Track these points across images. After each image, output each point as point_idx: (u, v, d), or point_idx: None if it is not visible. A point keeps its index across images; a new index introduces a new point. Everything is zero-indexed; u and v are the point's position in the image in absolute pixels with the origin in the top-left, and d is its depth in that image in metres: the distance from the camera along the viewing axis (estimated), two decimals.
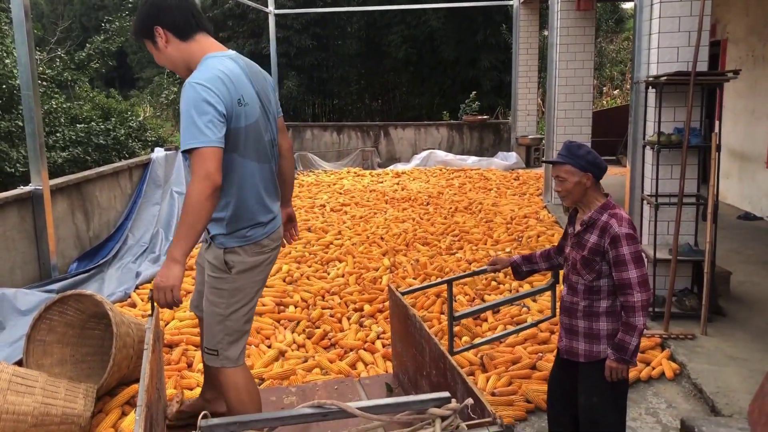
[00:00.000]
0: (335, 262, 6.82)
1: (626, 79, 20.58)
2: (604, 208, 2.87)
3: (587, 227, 2.89)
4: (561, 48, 9.41)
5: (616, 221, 2.81)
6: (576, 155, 2.85)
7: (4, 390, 3.33)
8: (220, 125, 2.53)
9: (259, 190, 2.80)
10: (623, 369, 2.85)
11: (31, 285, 5.67)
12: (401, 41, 19.56)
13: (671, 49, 5.17)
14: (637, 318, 2.77)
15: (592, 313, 2.92)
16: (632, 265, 2.77)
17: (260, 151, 2.77)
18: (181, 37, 2.72)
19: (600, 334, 2.91)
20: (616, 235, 2.78)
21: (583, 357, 2.96)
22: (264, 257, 2.87)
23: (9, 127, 8.68)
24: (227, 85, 2.60)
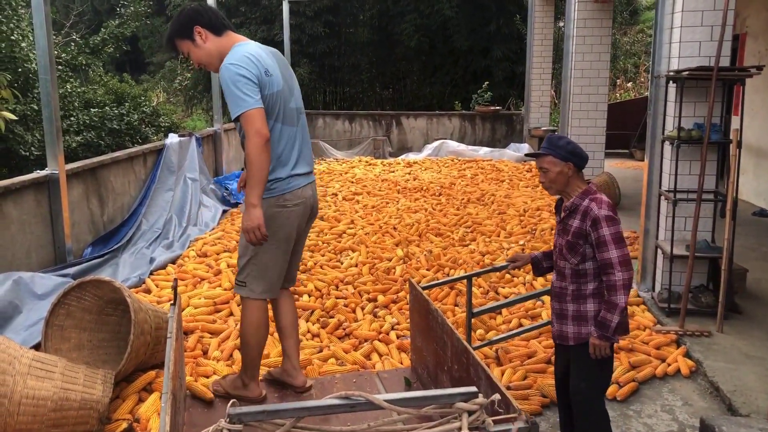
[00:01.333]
0: (348, 251, 6.82)
1: (640, 72, 20.44)
2: (585, 194, 3.01)
3: (570, 213, 3.03)
4: (577, 40, 9.35)
5: (596, 204, 2.94)
6: (557, 146, 3.00)
7: (24, 374, 3.35)
8: (255, 89, 3.13)
9: (282, 148, 3.32)
10: (605, 346, 2.96)
11: (45, 269, 5.69)
12: (413, 30, 19.44)
13: (693, 43, 5.12)
14: (619, 296, 2.89)
15: (580, 296, 3.05)
16: (613, 246, 2.89)
17: (286, 115, 3.33)
18: (216, 33, 3.34)
19: (588, 315, 3.03)
20: (596, 217, 2.91)
21: (573, 340, 3.07)
22: (283, 210, 3.35)
23: (24, 111, 8.68)
24: (254, 62, 3.20)
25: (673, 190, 5.24)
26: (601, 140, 9.65)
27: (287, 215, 3.38)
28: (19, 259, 5.50)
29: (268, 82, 3.23)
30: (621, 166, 12.34)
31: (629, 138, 13.79)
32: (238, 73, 3.12)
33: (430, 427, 1.96)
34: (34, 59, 8.86)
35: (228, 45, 3.32)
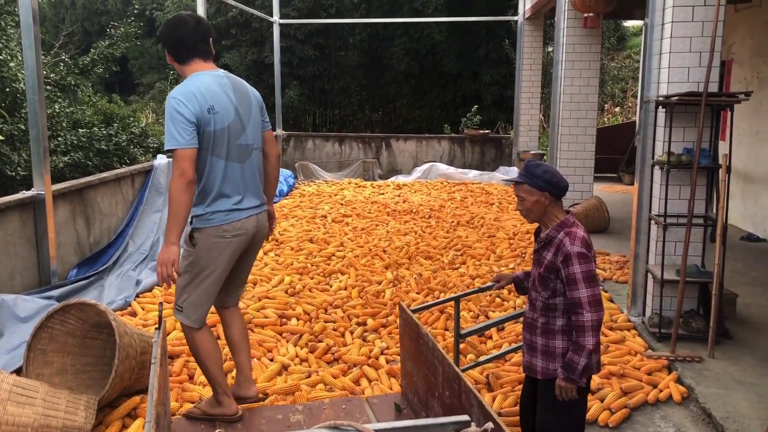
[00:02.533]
0: (338, 274, 6.76)
1: (627, 97, 20.63)
2: (561, 226, 2.93)
3: (545, 244, 2.96)
4: (566, 65, 9.42)
5: (569, 239, 2.85)
6: (533, 174, 2.93)
7: (4, 400, 3.27)
8: (190, 129, 3.15)
9: (221, 183, 3.36)
10: (571, 388, 2.88)
11: (30, 291, 5.59)
12: (403, 54, 19.59)
13: (682, 69, 5.16)
14: (587, 338, 2.81)
15: (548, 331, 2.98)
16: (583, 284, 2.80)
17: (232, 151, 3.36)
18: (179, 61, 3.40)
19: (556, 352, 2.96)
20: (568, 254, 2.82)
21: (541, 374, 3.01)
22: (221, 241, 3.40)
23: (11, 131, 8.62)
24: (197, 98, 3.22)
25: (663, 214, 5.24)
26: (590, 164, 9.69)
27: (224, 246, 3.43)
28: (2, 281, 5.41)
29: (212, 120, 3.25)
30: (609, 190, 12.39)
31: (617, 162, 13.87)
32: (177, 109, 3.16)
33: None
34: (22, 79, 8.83)
35: (187, 74, 3.37)
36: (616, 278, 6.72)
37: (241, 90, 3.51)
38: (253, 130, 3.54)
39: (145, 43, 24.01)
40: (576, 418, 3.05)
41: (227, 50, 19.60)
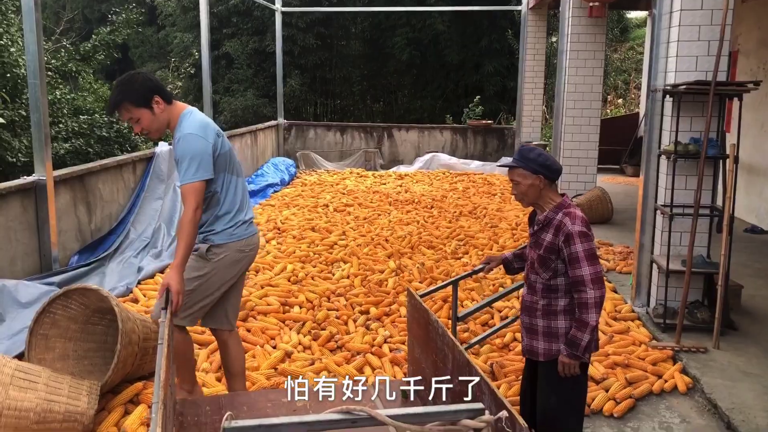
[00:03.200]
0: (340, 263, 6.73)
1: (630, 88, 20.57)
2: (559, 208, 2.95)
3: (543, 226, 2.97)
4: (571, 55, 9.35)
5: (569, 219, 2.88)
6: (527, 158, 2.95)
7: (6, 385, 3.24)
8: (210, 161, 3.33)
9: (241, 198, 3.56)
10: (574, 365, 2.91)
11: (31, 277, 5.56)
12: (405, 43, 19.50)
13: (690, 58, 5.11)
14: (590, 315, 2.84)
15: (550, 312, 2.99)
16: (585, 262, 2.83)
17: (236, 167, 3.56)
18: (168, 102, 3.42)
19: (558, 332, 2.97)
20: (569, 233, 2.84)
21: (543, 356, 3.01)
22: (243, 256, 3.55)
23: (12, 116, 8.56)
24: (210, 128, 3.43)
25: (669, 204, 5.20)
26: (594, 155, 9.64)
27: (243, 259, 3.58)
28: (3, 266, 5.38)
29: (221, 143, 3.44)
30: (612, 181, 12.35)
31: (620, 154, 13.82)
32: (202, 145, 3.30)
33: None
34: (22, 65, 8.76)
35: (176, 113, 3.44)
36: (619, 269, 6.69)
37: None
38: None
39: (146, 31, 23.88)
40: (578, 399, 3.07)
41: (228, 39, 19.50)
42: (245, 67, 19.42)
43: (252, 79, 19.40)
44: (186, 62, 19.17)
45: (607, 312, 5.44)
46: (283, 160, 13.38)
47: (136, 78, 3.40)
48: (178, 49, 20.70)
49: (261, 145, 13.47)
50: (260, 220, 8.59)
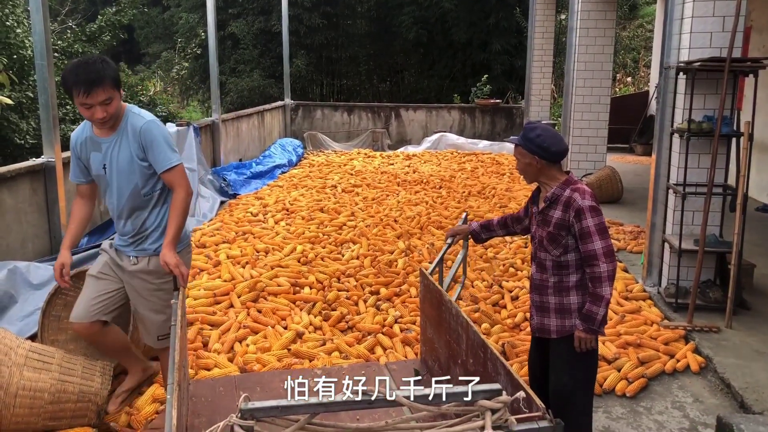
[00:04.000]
0: (349, 243, 6.72)
1: (640, 67, 20.35)
2: (566, 184, 2.94)
3: (551, 203, 2.95)
4: (581, 32, 9.24)
5: (579, 194, 2.87)
6: (526, 138, 2.94)
7: (20, 366, 3.25)
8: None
9: None
10: (591, 339, 2.91)
11: (42, 258, 5.57)
12: (412, 22, 19.30)
13: (704, 34, 5.03)
14: (604, 288, 2.84)
15: (562, 288, 2.98)
16: (597, 237, 2.83)
17: None
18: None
19: (571, 308, 2.96)
20: (579, 208, 2.84)
21: (555, 333, 3.00)
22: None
23: (20, 98, 8.54)
24: None
25: (681, 183, 5.15)
26: (604, 134, 9.56)
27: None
28: (15, 248, 5.39)
29: None
30: (621, 160, 12.26)
31: (629, 132, 13.70)
32: (163, 130, 3.25)
33: (451, 425, 1.86)
34: (29, 46, 8.72)
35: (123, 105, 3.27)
36: (630, 248, 6.65)
37: None
38: None
39: (151, 12, 23.73)
40: (590, 376, 3.07)
41: (234, 19, 19.35)
42: (251, 48, 19.29)
43: (258, 59, 19.28)
44: (192, 43, 19.05)
45: (619, 292, 5.42)
46: (290, 141, 13.33)
47: (109, 60, 3.24)
48: (184, 30, 20.55)
49: (268, 125, 13.43)
50: (269, 201, 8.57)
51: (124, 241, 3.35)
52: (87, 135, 3.23)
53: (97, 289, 3.39)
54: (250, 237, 6.85)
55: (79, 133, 3.29)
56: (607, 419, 3.77)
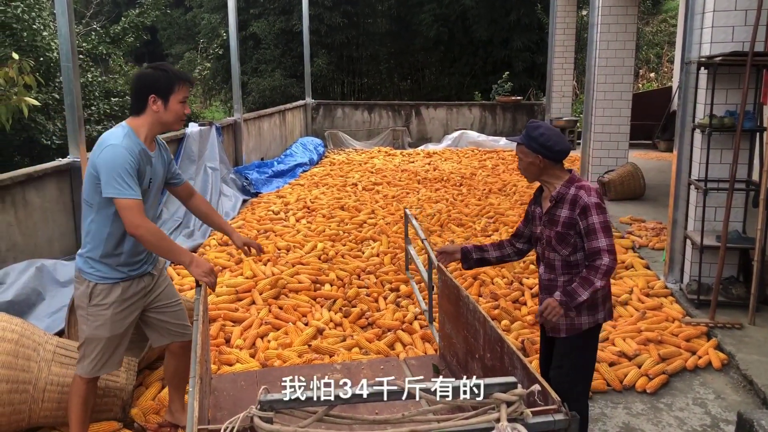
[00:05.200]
0: (369, 241, 6.76)
1: (663, 62, 20.14)
2: (570, 182, 2.92)
3: (557, 202, 2.93)
4: (602, 28, 9.17)
5: (584, 192, 2.86)
6: (530, 137, 2.91)
7: (48, 361, 3.33)
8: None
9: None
10: (559, 311, 2.85)
11: (68, 256, 5.68)
12: (432, 20, 19.28)
13: (726, 28, 4.98)
14: (597, 278, 2.82)
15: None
16: (602, 233, 2.83)
17: None
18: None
19: (582, 305, 2.92)
20: (586, 205, 2.83)
21: (565, 331, 2.99)
22: None
23: (46, 100, 8.70)
24: None
25: (703, 179, 5.11)
26: (626, 130, 9.48)
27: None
28: (42, 246, 5.50)
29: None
30: (644, 156, 12.15)
31: (652, 129, 13.57)
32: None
33: (467, 417, 1.89)
34: (55, 48, 8.88)
35: None
36: (652, 245, 6.61)
37: None
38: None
39: (173, 13, 23.98)
40: (588, 367, 3.09)
41: (255, 19, 19.49)
42: (272, 48, 19.42)
43: (279, 59, 19.40)
44: (214, 43, 19.24)
45: (640, 288, 5.39)
46: (311, 140, 13.41)
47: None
48: (206, 31, 20.75)
49: (289, 125, 13.52)
50: (290, 199, 8.65)
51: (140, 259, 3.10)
52: (141, 148, 2.94)
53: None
54: (272, 235, 6.92)
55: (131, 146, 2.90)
56: (628, 415, 3.76)
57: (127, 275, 3.03)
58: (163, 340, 3.30)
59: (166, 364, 3.49)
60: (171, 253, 2.94)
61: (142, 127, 2.96)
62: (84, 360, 3.05)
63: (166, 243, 2.92)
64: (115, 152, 2.85)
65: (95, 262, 2.99)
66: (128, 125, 2.97)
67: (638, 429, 3.63)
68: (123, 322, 3.06)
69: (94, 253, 2.99)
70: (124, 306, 3.04)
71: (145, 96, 2.94)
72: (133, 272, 3.06)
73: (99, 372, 3.09)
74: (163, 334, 3.27)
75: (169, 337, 3.28)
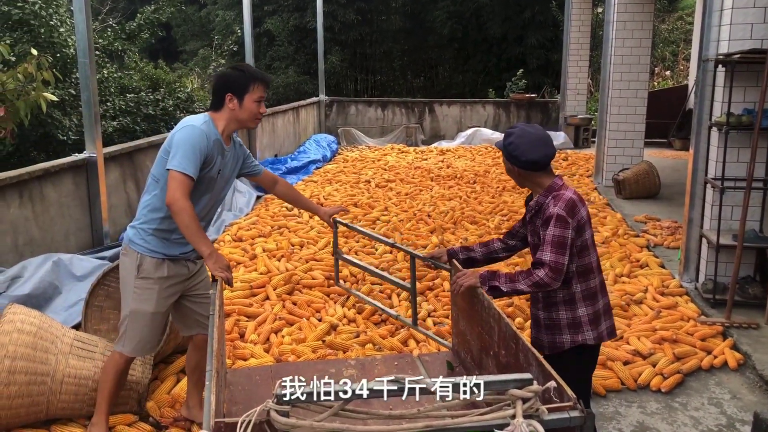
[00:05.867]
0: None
1: (679, 60, 19.98)
2: (549, 191, 2.77)
3: (536, 212, 2.81)
4: (618, 25, 9.12)
5: (553, 201, 2.72)
6: (502, 144, 2.82)
7: (66, 354, 3.37)
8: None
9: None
10: (467, 284, 2.80)
11: (84, 251, 5.73)
12: (446, 17, 19.26)
13: (745, 25, 4.94)
14: (522, 282, 2.70)
15: (550, 303, 2.84)
16: (550, 247, 2.66)
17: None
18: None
19: (561, 323, 2.83)
20: (549, 215, 2.69)
21: (548, 349, 2.88)
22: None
23: (63, 96, 8.77)
24: None
25: (720, 177, 5.07)
26: (641, 128, 9.43)
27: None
28: (58, 241, 5.56)
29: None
30: (659, 155, 12.07)
31: (668, 127, 13.48)
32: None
33: (483, 413, 1.89)
34: (72, 45, 8.95)
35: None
36: (667, 244, 6.57)
37: None
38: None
39: (188, 10, 24.08)
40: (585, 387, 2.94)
41: (269, 16, 19.55)
42: (286, 44, 19.47)
43: (293, 56, 19.45)
44: (228, 40, 19.31)
45: (655, 287, 5.36)
46: (324, 137, 13.44)
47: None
48: (220, 27, 20.83)
49: (303, 121, 13.55)
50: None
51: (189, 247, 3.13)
52: (216, 137, 3.06)
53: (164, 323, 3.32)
54: (286, 231, 6.94)
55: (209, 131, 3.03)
56: (642, 414, 3.74)
57: (175, 255, 3.12)
58: (190, 330, 3.39)
59: (188, 357, 3.55)
60: (196, 238, 2.96)
61: (220, 121, 3.10)
62: (126, 336, 3.14)
63: (195, 226, 2.95)
64: (192, 132, 2.99)
65: (148, 234, 3.09)
66: (209, 115, 3.12)
67: (653, 428, 3.62)
68: (167, 300, 3.17)
69: (148, 226, 3.10)
70: (168, 284, 3.14)
71: (222, 94, 3.07)
72: (182, 253, 3.15)
73: (140, 352, 3.21)
74: (192, 324, 3.36)
75: (197, 329, 3.37)
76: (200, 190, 3.09)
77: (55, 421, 3.42)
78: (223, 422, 1.84)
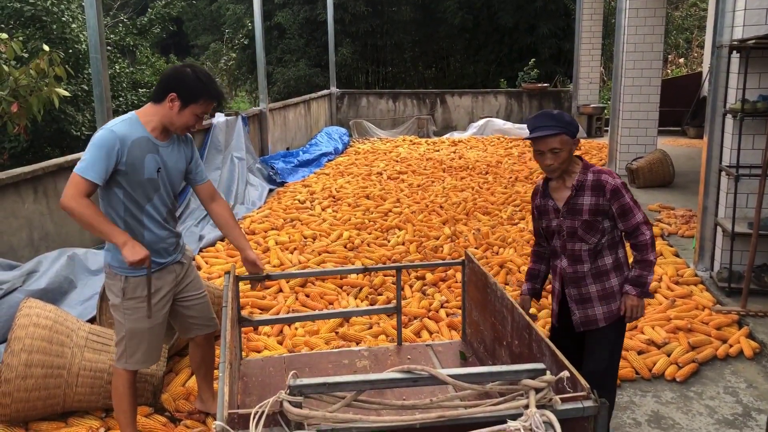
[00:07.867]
0: (395, 229, 6.76)
1: (692, 47, 19.77)
2: (587, 168, 2.88)
3: (578, 191, 2.85)
4: (630, 13, 9.03)
5: (607, 176, 2.85)
6: (567, 122, 2.81)
7: (81, 347, 3.40)
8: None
9: None
10: (642, 305, 2.89)
11: (99, 246, 5.77)
12: (457, 7, 19.14)
13: (760, 10, 4.88)
14: (651, 253, 2.87)
15: (600, 274, 2.92)
16: (636, 209, 2.84)
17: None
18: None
19: (614, 290, 2.92)
20: (615, 187, 2.81)
21: (604, 320, 2.93)
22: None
23: (75, 91, 8.83)
24: None
25: (735, 165, 5.02)
26: (654, 116, 9.35)
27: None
28: (73, 236, 5.59)
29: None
30: (673, 143, 11.97)
31: (682, 115, 13.35)
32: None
33: (496, 404, 1.89)
34: (84, 40, 8.99)
35: None
36: (681, 233, 6.52)
37: None
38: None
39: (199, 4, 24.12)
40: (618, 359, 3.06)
41: (280, 9, 19.53)
42: (297, 37, 19.45)
43: (304, 48, 19.43)
44: (239, 34, 19.32)
45: (669, 276, 5.33)
46: (336, 129, 13.43)
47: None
48: (231, 21, 20.85)
49: (314, 114, 13.54)
50: (315, 188, 8.69)
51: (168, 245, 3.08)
52: (142, 135, 2.88)
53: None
54: (298, 224, 6.96)
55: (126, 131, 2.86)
56: (657, 403, 3.73)
57: (155, 265, 2.97)
58: (189, 334, 3.31)
59: (191, 354, 3.51)
60: (104, 231, 2.81)
61: (155, 116, 2.91)
62: (126, 354, 3.03)
63: (97, 221, 2.79)
64: (103, 135, 2.82)
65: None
66: (136, 114, 2.94)
67: (668, 417, 3.60)
68: (160, 312, 3.05)
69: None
70: (158, 297, 3.02)
71: (168, 91, 2.88)
72: (162, 261, 3.03)
73: (146, 364, 3.10)
74: (189, 327, 3.28)
75: (195, 331, 3.30)
76: (143, 194, 2.92)
77: (72, 414, 3.45)
78: (236, 413, 1.86)
